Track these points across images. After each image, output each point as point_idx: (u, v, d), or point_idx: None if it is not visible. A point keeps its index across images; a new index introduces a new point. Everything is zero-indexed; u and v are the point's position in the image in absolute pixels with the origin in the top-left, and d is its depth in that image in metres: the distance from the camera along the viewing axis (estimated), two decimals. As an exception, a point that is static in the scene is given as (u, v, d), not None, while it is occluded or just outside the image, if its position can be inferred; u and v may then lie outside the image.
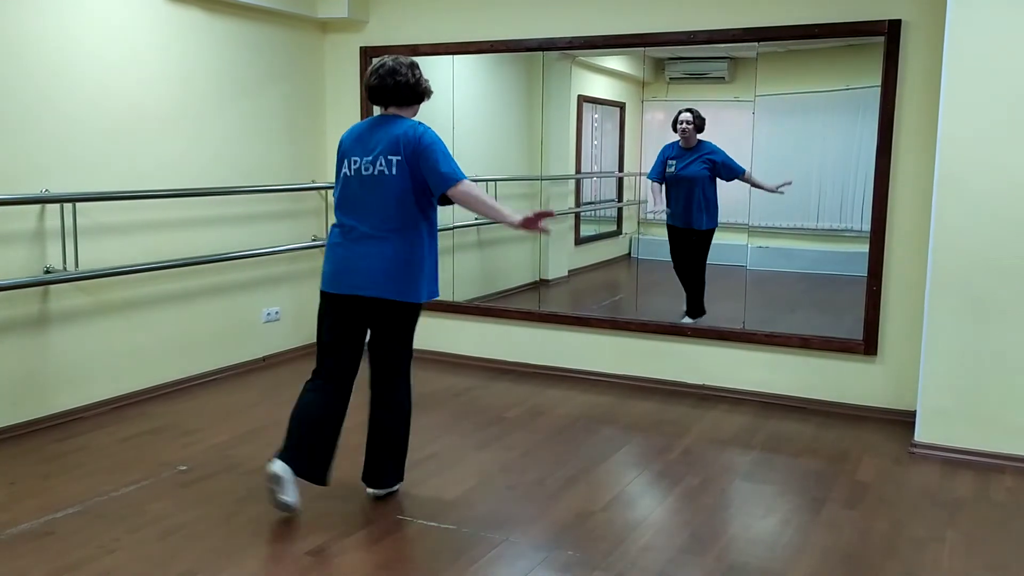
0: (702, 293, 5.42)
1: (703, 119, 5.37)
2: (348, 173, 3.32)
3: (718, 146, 5.34)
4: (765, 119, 5.01)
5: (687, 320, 5.29)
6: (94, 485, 3.55)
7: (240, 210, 5.29)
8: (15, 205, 4.06)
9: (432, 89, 3.39)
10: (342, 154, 3.39)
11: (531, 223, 3.14)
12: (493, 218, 3.23)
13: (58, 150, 4.24)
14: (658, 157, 5.51)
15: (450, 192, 3.17)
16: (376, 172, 3.23)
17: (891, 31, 4.37)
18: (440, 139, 3.25)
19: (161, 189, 4.74)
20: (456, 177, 3.16)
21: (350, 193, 3.31)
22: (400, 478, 3.51)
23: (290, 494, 3.21)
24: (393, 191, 3.21)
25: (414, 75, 3.31)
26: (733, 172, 5.25)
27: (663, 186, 5.52)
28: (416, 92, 3.32)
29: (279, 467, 3.20)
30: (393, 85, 3.27)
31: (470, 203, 3.19)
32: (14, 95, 4.04)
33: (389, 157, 3.21)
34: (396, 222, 3.21)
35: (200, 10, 4.95)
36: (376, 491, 3.45)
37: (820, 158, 5.32)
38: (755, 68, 4.96)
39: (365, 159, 3.26)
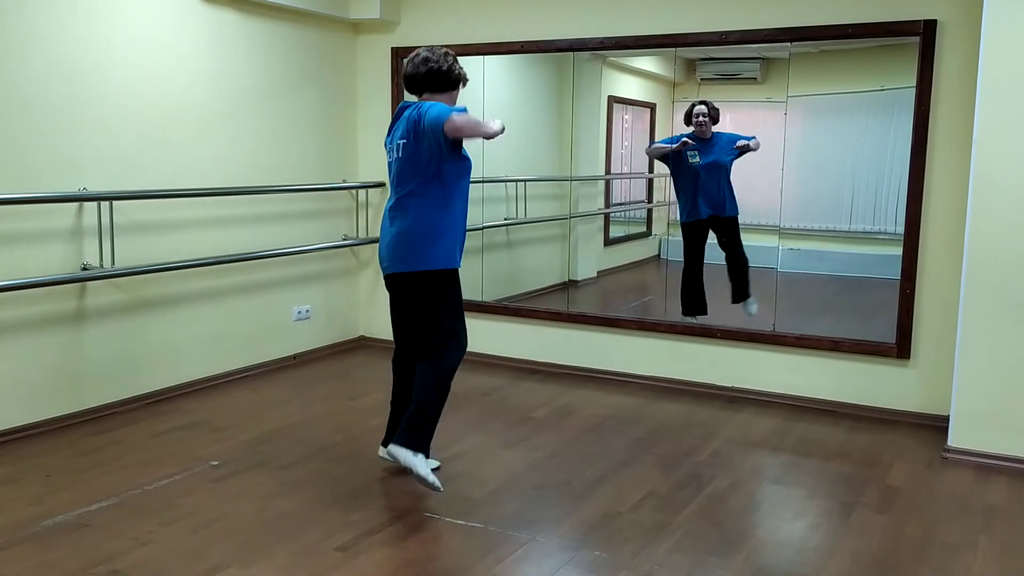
0: (747, 274, 5.38)
1: (717, 110, 5.37)
2: (388, 160, 3.55)
3: (731, 132, 5.38)
4: (798, 120, 4.97)
5: (752, 307, 5.28)
6: (128, 479, 3.61)
7: (272, 209, 5.35)
8: (54, 203, 4.15)
9: (467, 76, 3.51)
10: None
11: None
12: (482, 135, 3.28)
13: (95, 150, 4.32)
14: (676, 138, 5.48)
15: (446, 130, 3.19)
16: (394, 156, 3.46)
17: (926, 31, 4.32)
18: (443, 105, 3.31)
19: (195, 188, 4.81)
20: (443, 117, 3.17)
21: (389, 177, 3.55)
22: (414, 447, 3.39)
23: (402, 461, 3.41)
24: (403, 169, 3.41)
25: (446, 61, 3.43)
26: (746, 147, 5.30)
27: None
28: (449, 78, 3.44)
29: (382, 451, 3.67)
30: (426, 72, 3.41)
31: (462, 131, 3.20)
32: (53, 96, 4.11)
33: (400, 140, 3.41)
34: (407, 199, 3.41)
35: (234, 11, 5.01)
36: (387, 450, 3.50)
37: (853, 159, 5.27)
38: (788, 68, 4.92)
39: (390, 146, 3.50)
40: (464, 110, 3.27)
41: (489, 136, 3.25)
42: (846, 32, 4.53)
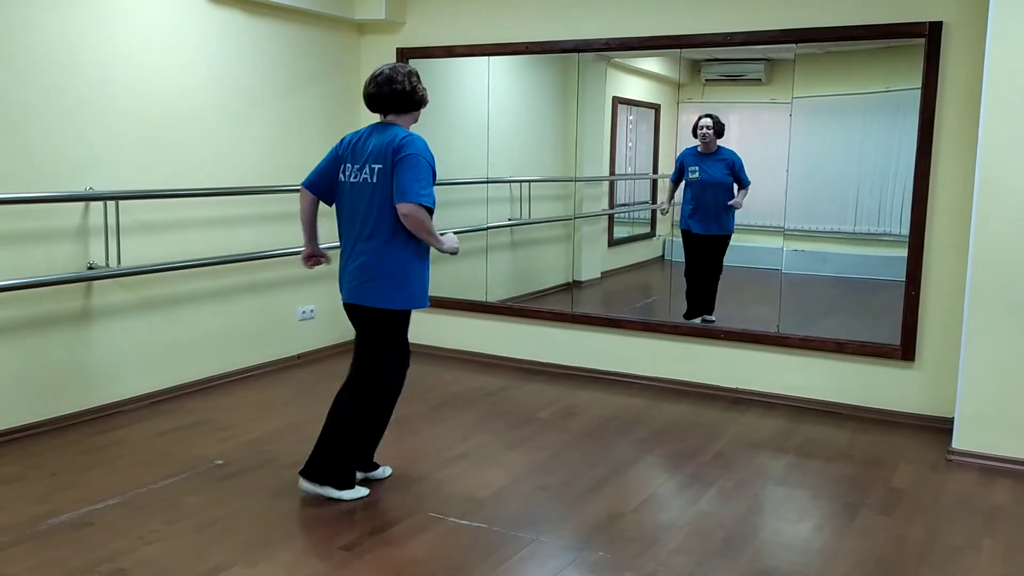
0: (715, 291, 5.46)
1: (722, 124, 5.40)
2: (343, 179, 3.41)
3: (734, 151, 5.40)
4: (802, 121, 4.96)
5: (709, 319, 5.30)
6: (133, 478, 3.61)
7: (277, 209, 5.35)
8: (60, 203, 4.16)
9: (428, 97, 3.43)
10: (339, 158, 3.45)
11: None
12: (429, 244, 3.34)
13: (101, 150, 4.33)
14: (677, 161, 5.52)
15: (398, 207, 3.19)
16: (361, 180, 3.32)
17: (932, 33, 4.32)
18: (425, 153, 3.26)
19: (201, 188, 4.82)
20: (409, 198, 3.17)
21: (342, 200, 3.42)
22: (333, 483, 3.39)
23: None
24: (375, 199, 3.29)
25: (410, 83, 3.36)
26: (741, 183, 5.37)
27: (677, 188, 5.56)
28: (412, 100, 3.38)
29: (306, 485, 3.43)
30: (389, 93, 3.34)
31: (411, 226, 3.22)
32: (59, 96, 4.12)
33: (373, 166, 3.29)
34: (377, 230, 3.29)
35: (240, 12, 5.02)
36: (305, 484, 3.41)
37: (858, 161, 5.26)
38: (792, 70, 4.92)
39: (355, 167, 3.36)
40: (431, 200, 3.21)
41: (437, 247, 3.33)
42: (851, 33, 4.53)
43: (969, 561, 3.04)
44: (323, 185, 3.48)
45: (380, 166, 3.27)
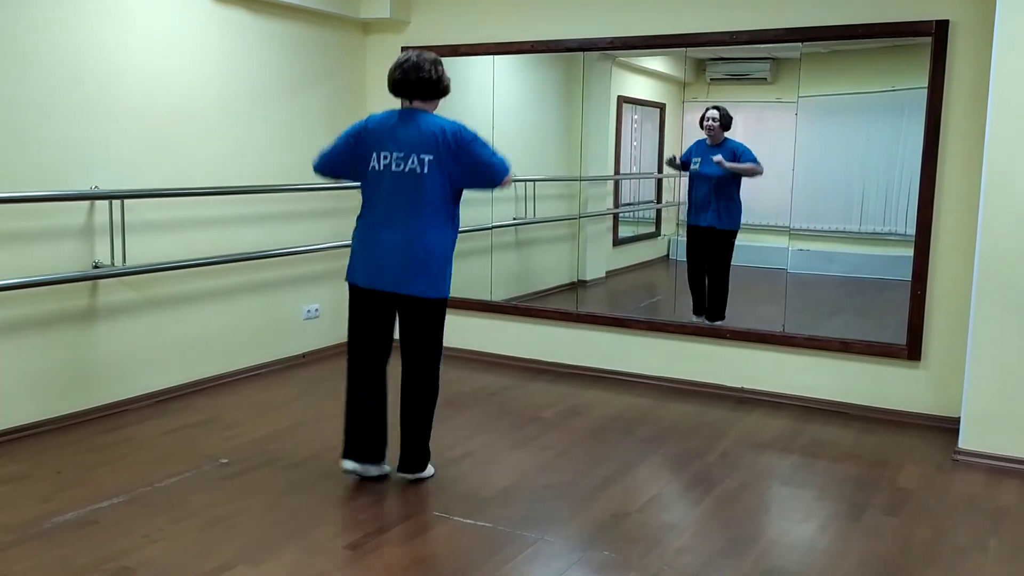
0: (724, 296, 5.40)
1: (730, 117, 5.39)
2: (377, 167, 3.40)
3: (744, 144, 5.36)
4: (808, 120, 4.96)
5: (702, 321, 5.29)
6: (138, 476, 3.62)
7: (282, 208, 5.36)
8: (66, 201, 4.16)
9: (451, 86, 3.52)
10: (368, 145, 3.44)
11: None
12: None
13: (106, 148, 4.33)
14: (689, 147, 5.55)
15: (505, 182, 3.41)
16: (407, 169, 3.33)
17: (939, 32, 4.30)
18: (476, 132, 3.42)
19: (206, 187, 4.82)
20: (504, 172, 3.40)
21: (380, 189, 3.41)
22: (427, 465, 3.63)
23: (369, 472, 3.58)
24: (424, 189, 3.32)
25: (436, 72, 3.42)
26: (753, 171, 5.36)
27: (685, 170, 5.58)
28: (438, 88, 3.46)
29: (350, 465, 3.53)
30: (416, 80, 3.39)
31: (506, 184, 3.48)
32: (64, 96, 4.13)
33: (422, 156, 3.32)
34: (432, 222, 3.34)
35: (244, 10, 5.02)
36: (409, 477, 3.60)
37: (863, 160, 5.26)
38: (798, 69, 4.90)
39: (397, 155, 3.35)
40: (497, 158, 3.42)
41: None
42: (857, 32, 4.51)
43: (975, 562, 3.03)
44: (338, 166, 3.56)
45: (431, 157, 3.31)
